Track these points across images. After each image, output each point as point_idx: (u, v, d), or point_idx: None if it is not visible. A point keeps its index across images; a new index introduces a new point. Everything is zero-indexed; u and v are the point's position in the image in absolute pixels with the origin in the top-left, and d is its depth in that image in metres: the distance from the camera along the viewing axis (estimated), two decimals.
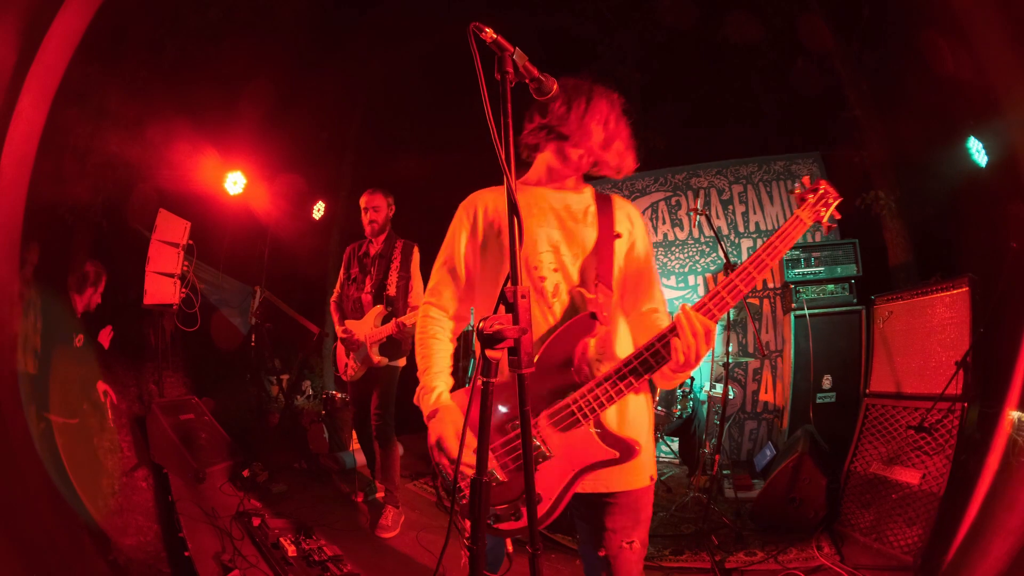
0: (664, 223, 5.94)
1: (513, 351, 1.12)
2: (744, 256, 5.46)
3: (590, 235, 1.65)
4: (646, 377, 1.44)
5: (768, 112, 5.43)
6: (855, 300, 4.40)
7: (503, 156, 1.20)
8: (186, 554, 3.04)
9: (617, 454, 1.43)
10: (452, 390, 1.66)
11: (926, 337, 3.26)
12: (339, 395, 5.28)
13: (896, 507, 2.95)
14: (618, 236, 1.66)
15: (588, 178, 1.80)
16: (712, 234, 5.61)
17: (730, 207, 5.60)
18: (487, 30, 1.21)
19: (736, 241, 5.55)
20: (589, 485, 1.51)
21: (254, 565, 3.07)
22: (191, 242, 4.36)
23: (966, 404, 2.82)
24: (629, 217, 1.74)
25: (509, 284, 1.14)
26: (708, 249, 5.66)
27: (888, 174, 4.45)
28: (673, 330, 1.38)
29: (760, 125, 5.53)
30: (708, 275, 5.65)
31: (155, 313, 4.28)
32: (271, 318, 4.96)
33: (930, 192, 4.17)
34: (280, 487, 4.19)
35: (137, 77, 3.91)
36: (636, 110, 6.66)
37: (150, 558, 3.11)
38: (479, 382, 1.14)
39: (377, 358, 3.72)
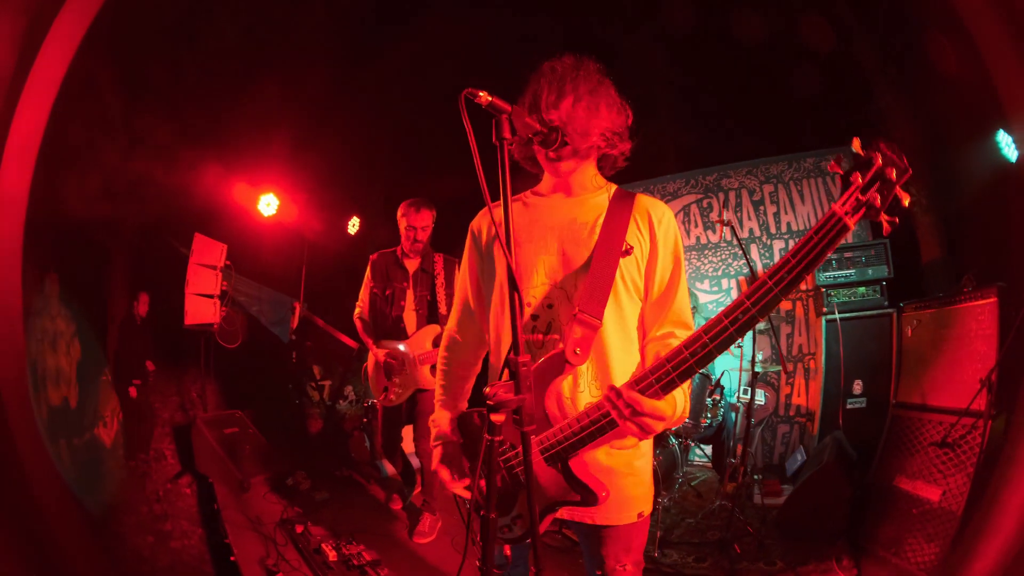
0: (696, 226, 5.88)
1: (516, 411, 1.20)
2: (776, 259, 5.39)
3: (587, 256, 1.51)
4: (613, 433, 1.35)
5: (795, 107, 5.30)
6: (886, 303, 4.28)
7: (504, 236, 1.24)
8: (231, 559, 3.25)
9: (579, 498, 1.41)
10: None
11: (953, 348, 3.18)
12: None
13: (916, 522, 2.91)
14: (626, 252, 1.49)
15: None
16: (745, 236, 5.56)
17: (761, 208, 5.50)
18: (481, 94, 1.20)
19: (768, 243, 5.46)
20: (577, 514, 1.53)
21: (296, 569, 3.25)
22: (229, 263, 4.57)
23: (990, 422, 2.76)
24: (651, 222, 1.53)
25: (511, 353, 1.20)
26: (741, 252, 5.59)
27: (917, 167, 4.28)
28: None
29: (788, 120, 5.40)
30: (742, 278, 5.59)
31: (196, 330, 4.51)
32: (310, 335, 5.11)
33: (962, 186, 3.99)
34: (322, 495, 4.36)
35: (164, 100, 4.08)
36: (667, 110, 6.52)
37: (194, 560, 3.34)
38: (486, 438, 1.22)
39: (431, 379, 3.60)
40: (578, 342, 1.43)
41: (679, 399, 1.35)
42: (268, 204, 5.03)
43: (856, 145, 1.09)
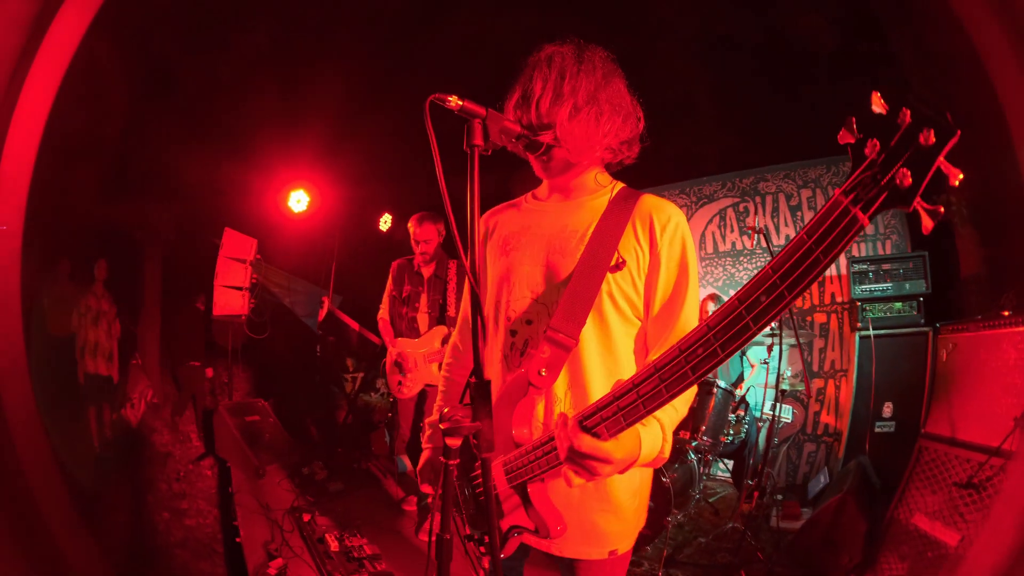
0: (732, 231, 5.66)
1: (475, 435, 1.14)
2: None
3: (571, 269, 1.35)
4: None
5: (833, 107, 5.03)
6: (922, 320, 3.97)
7: (469, 267, 1.16)
8: (237, 540, 3.39)
9: (533, 527, 1.33)
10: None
11: (989, 378, 2.88)
12: None
13: (930, 567, 2.66)
14: (617, 267, 1.31)
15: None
16: (781, 243, 5.32)
17: (799, 213, 5.24)
18: (450, 99, 1.12)
19: None
20: (543, 544, 1.43)
21: (298, 555, 3.34)
22: (259, 257, 4.74)
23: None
24: (652, 228, 1.33)
25: (472, 377, 1.13)
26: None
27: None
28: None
29: (826, 122, 5.13)
30: None
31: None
32: (336, 331, 5.25)
33: (1006, 194, 3.64)
34: (337, 486, 4.43)
35: (197, 99, 4.25)
36: (702, 112, 6.28)
37: (207, 538, 3.53)
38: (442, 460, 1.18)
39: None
40: (545, 362, 1.31)
41: (647, 440, 1.16)
42: (299, 201, 5.18)
43: (876, 101, 0.74)
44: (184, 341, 5.02)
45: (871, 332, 4.09)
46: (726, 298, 5.05)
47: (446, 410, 1.13)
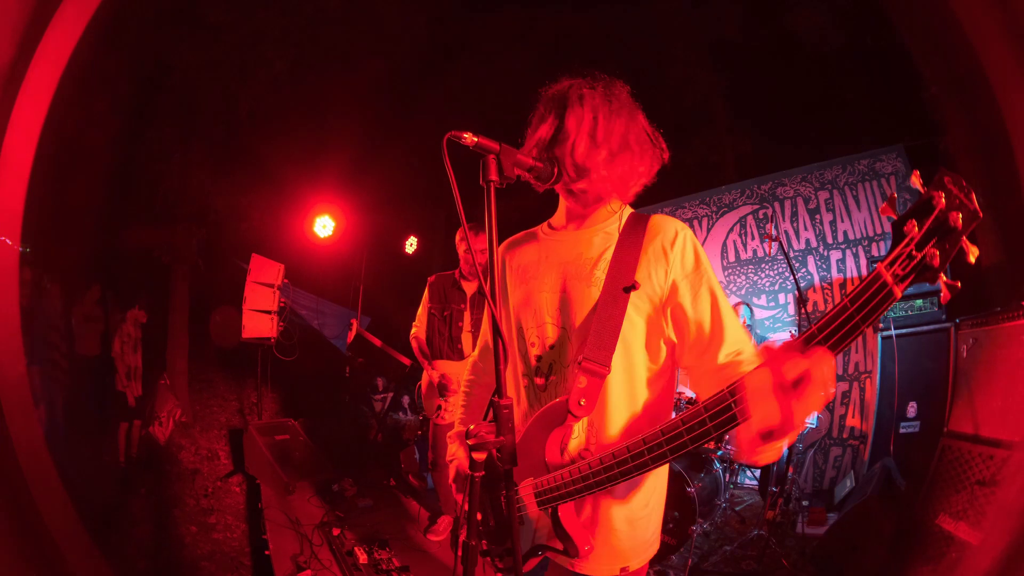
0: (753, 239, 5.62)
1: (499, 449, 1.20)
2: (834, 271, 5.07)
3: (592, 296, 1.37)
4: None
5: (847, 105, 4.96)
6: (943, 316, 3.87)
7: (488, 289, 1.22)
8: (266, 552, 3.49)
9: (561, 547, 1.36)
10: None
11: (1011, 373, 2.80)
12: None
13: (955, 568, 2.62)
14: (634, 287, 1.32)
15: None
16: (802, 247, 5.28)
17: (817, 216, 5.18)
18: (466, 136, 1.16)
19: (825, 254, 5.12)
20: (559, 558, 1.45)
21: (327, 568, 3.41)
22: (287, 281, 4.90)
23: None
24: (664, 250, 1.34)
25: (495, 396, 1.19)
26: (798, 264, 5.26)
27: (974, 159, 3.84)
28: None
29: (841, 121, 5.08)
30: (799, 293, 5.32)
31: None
32: (363, 351, 5.30)
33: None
34: (366, 502, 4.51)
35: (216, 127, 4.44)
36: (722, 117, 6.28)
37: (233, 551, 3.62)
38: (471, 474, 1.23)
39: None
40: (583, 392, 1.32)
41: None
42: (324, 226, 5.35)
43: (916, 180, 0.87)
44: None
45: (893, 332, 4.03)
46: (752, 306, 5.02)
47: (472, 427, 1.20)
